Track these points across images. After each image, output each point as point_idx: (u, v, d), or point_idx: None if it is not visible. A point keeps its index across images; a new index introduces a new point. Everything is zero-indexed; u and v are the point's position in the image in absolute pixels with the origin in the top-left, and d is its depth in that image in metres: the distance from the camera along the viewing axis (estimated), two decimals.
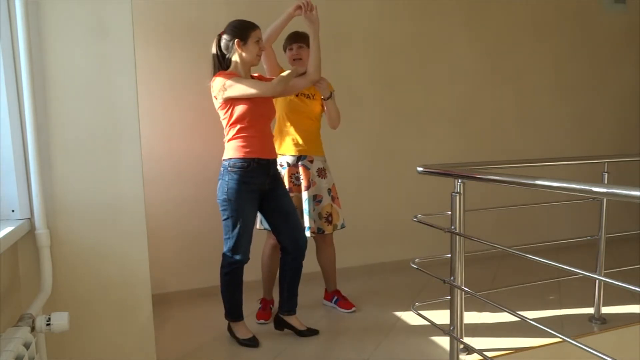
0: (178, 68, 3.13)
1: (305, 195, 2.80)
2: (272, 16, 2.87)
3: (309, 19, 2.60)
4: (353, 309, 2.96)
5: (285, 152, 2.82)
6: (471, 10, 3.92)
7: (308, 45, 2.73)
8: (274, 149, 2.60)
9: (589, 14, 4.36)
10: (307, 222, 2.78)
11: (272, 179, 2.55)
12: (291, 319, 2.65)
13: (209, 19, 3.07)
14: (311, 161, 2.83)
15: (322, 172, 2.85)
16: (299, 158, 2.82)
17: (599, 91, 4.50)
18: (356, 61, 3.00)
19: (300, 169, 2.81)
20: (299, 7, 2.58)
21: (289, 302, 2.65)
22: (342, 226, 2.90)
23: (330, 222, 2.85)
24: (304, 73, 2.65)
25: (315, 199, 2.84)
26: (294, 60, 2.79)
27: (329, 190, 2.86)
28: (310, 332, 2.65)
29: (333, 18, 3.41)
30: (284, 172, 2.80)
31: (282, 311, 2.66)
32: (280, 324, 2.67)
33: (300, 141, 2.81)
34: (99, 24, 1.79)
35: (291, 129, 2.81)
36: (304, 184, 2.80)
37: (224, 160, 2.48)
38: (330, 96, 2.78)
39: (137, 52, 1.89)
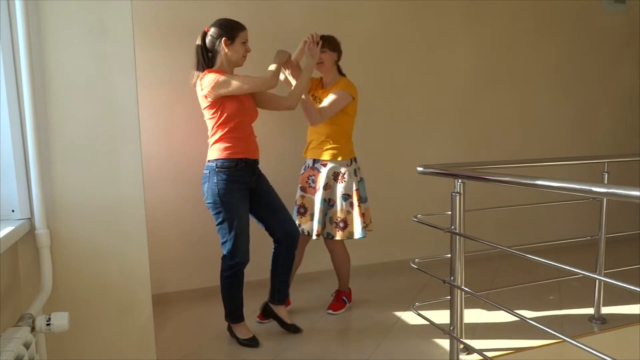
0: (178, 68, 3.13)
1: (317, 197, 2.85)
2: (272, 16, 2.88)
3: (311, 52, 2.67)
4: (330, 311, 2.95)
5: (306, 155, 2.94)
6: (471, 11, 3.92)
7: (330, 49, 2.80)
8: (258, 149, 2.59)
9: (589, 13, 4.37)
10: (314, 224, 2.84)
11: (257, 176, 2.58)
12: (280, 310, 2.67)
13: (210, 19, 3.05)
14: (324, 165, 2.86)
15: (338, 176, 2.84)
16: (314, 161, 2.90)
17: (599, 91, 4.50)
18: (356, 61, 3.00)
19: (315, 172, 2.89)
20: (305, 42, 2.65)
21: (281, 292, 2.67)
22: (361, 236, 2.83)
23: (342, 229, 2.83)
24: (297, 68, 2.71)
25: (328, 203, 2.86)
26: (317, 64, 2.81)
27: (346, 196, 2.83)
28: (295, 329, 2.66)
29: (333, 19, 3.41)
30: (303, 172, 2.92)
31: (273, 300, 2.67)
32: (267, 313, 2.69)
33: (313, 145, 2.88)
34: (99, 24, 1.79)
35: (309, 132, 2.92)
36: (316, 186, 2.86)
37: (209, 161, 2.47)
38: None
39: (137, 52, 1.89)
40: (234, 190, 2.45)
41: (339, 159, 2.84)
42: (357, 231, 2.82)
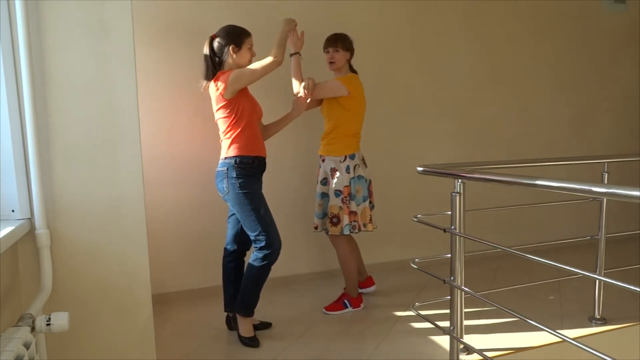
0: (178, 68, 3.13)
1: (316, 190, 2.97)
2: (272, 17, 2.87)
3: (297, 104, 2.75)
4: (325, 311, 2.96)
5: None
6: (471, 11, 3.92)
7: (342, 48, 2.87)
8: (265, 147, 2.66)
9: (589, 13, 4.37)
10: (314, 218, 2.99)
11: (261, 179, 2.64)
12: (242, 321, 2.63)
13: (209, 19, 3.07)
14: (323, 160, 2.94)
15: (332, 172, 2.88)
16: (320, 156, 2.98)
17: (599, 91, 4.50)
18: (356, 61, 3.01)
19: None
20: (302, 93, 2.71)
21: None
22: (342, 232, 2.85)
23: (334, 224, 2.86)
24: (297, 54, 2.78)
25: (325, 197, 2.93)
26: (329, 63, 2.90)
27: (337, 192, 2.86)
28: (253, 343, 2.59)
29: (334, 19, 3.41)
30: None
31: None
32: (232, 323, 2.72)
33: (321, 140, 2.98)
34: (99, 24, 1.79)
35: None
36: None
37: (226, 158, 2.49)
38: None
39: (137, 52, 1.89)
40: (253, 182, 2.52)
41: (332, 154, 2.89)
42: (342, 227, 2.85)
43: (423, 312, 2.34)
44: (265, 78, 2.52)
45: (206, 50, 2.52)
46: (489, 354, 2.28)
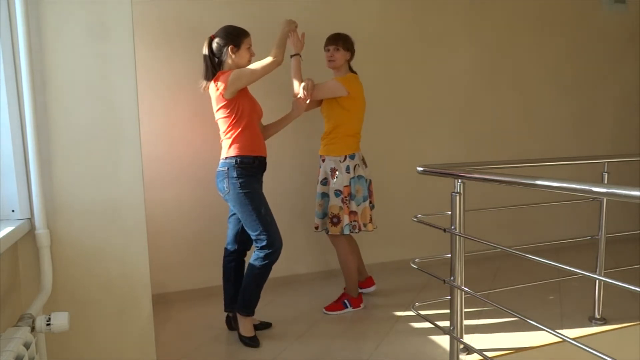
0: (178, 68, 3.13)
1: (317, 190, 2.96)
2: (271, 17, 2.87)
3: (297, 105, 2.76)
4: (324, 310, 2.96)
5: None
6: (471, 11, 3.92)
7: (343, 48, 2.88)
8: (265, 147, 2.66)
9: (589, 13, 4.36)
10: (315, 218, 2.99)
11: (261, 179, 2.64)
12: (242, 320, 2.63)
13: (210, 19, 3.07)
14: (323, 160, 2.95)
15: (332, 172, 2.88)
16: (320, 156, 2.99)
17: (599, 91, 4.50)
18: (356, 62, 3.01)
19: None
20: (301, 94, 2.72)
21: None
22: (343, 232, 2.86)
23: (335, 224, 2.86)
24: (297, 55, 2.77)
25: (325, 197, 2.93)
26: (328, 61, 2.90)
27: (337, 192, 2.86)
28: (252, 343, 2.58)
29: (334, 19, 3.41)
30: None
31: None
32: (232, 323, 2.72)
33: (321, 140, 2.99)
34: (99, 24, 1.79)
35: None
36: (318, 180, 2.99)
37: (226, 158, 2.50)
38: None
39: (138, 52, 1.89)
40: (254, 182, 2.52)
41: (332, 154, 2.90)
42: (342, 227, 2.85)
43: (423, 312, 2.34)
44: (265, 78, 2.52)
45: (205, 50, 2.53)
46: (489, 354, 2.28)
